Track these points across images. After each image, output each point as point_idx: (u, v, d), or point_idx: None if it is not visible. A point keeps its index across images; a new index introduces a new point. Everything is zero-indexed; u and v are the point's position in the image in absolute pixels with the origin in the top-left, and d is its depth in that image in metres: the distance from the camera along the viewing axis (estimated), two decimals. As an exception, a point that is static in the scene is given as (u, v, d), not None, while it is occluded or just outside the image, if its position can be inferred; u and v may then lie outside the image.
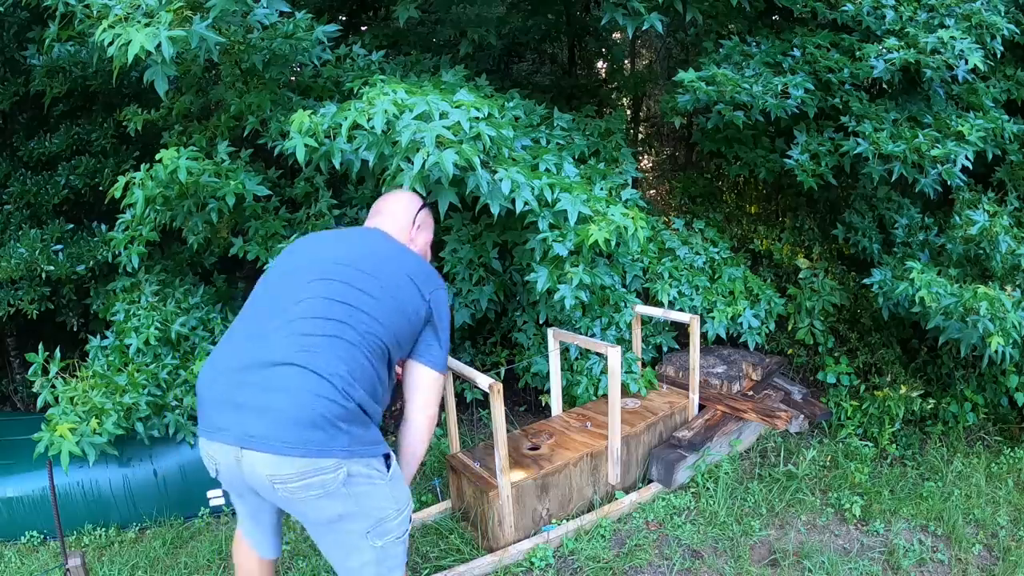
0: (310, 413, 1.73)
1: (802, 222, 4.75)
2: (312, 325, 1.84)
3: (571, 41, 5.78)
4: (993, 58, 3.86)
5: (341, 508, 1.82)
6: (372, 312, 1.91)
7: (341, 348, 1.82)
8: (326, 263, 2.00)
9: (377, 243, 2.12)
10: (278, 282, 2.01)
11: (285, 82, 3.96)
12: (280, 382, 1.75)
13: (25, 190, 4.48)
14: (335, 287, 1.92)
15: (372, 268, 1.99)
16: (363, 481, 1.83)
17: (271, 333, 1.85)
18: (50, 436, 3.07)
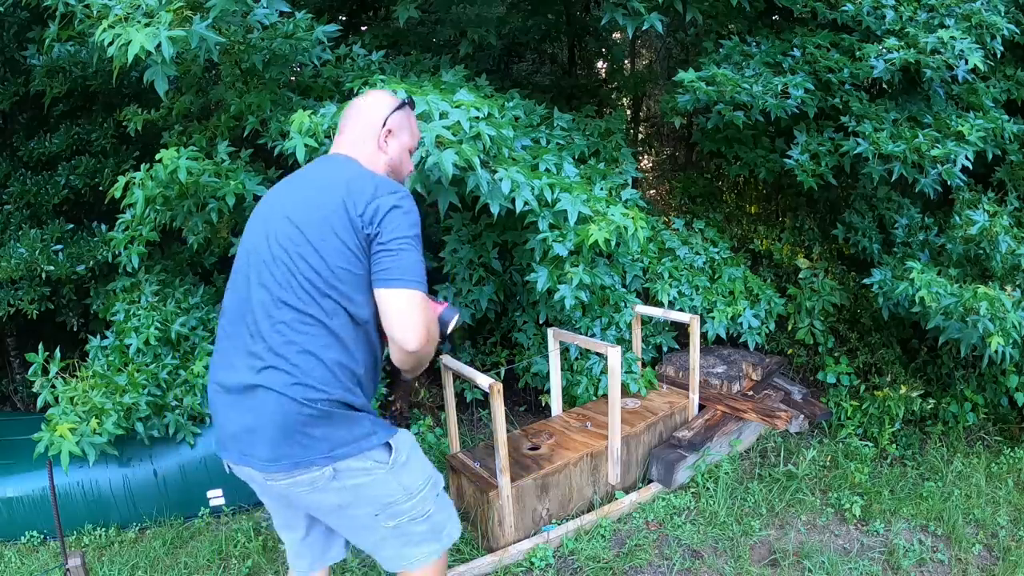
0: (280, 432, 1.69)
1: (802, 222, 4.75)
2: (265, 339, 1.73)
3: (571, 41, 5.78)
4: (993, 58, 3.86)
5: (337, 499, 1.78)
6: (320, 288, 1.72)
7: (298, 354, 1.71)
8: (266, 249, 1.80)
9: (315, 186, 1.84)
10: (235, 286, 1.87)
11: (285, 82, 3.96)
12: (249, 404, 1.73)
13: (25, 190, 4.48)
14: (277, 281, 1.75)
15: (312, 234, 1.75)
16: (358, 474, 1.76)
17: (232, 354, 1.79)
18: (50, 436, 3.07)
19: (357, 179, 1.79)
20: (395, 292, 1.71)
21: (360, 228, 1.72)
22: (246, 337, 1.77)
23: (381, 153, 1.95)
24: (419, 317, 1.70)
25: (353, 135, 1.95)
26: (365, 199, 1.74)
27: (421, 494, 1.89)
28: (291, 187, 1.89)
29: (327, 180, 1.82)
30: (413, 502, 1.87)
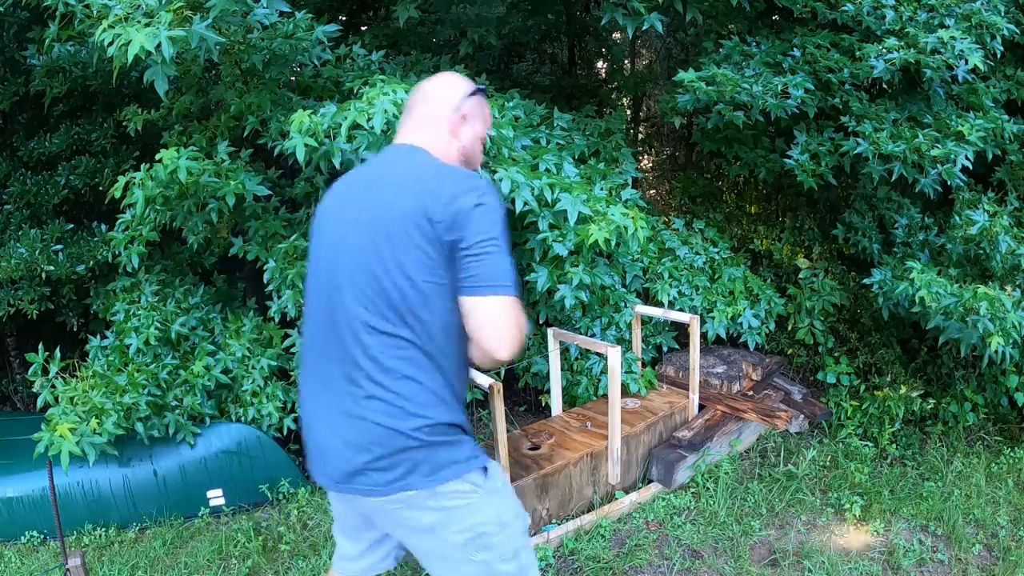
0: (383, 461, 1.62)
1: (802, 222, 4.75)
2: (361, 367, 1.63)
3: (571, 41, 5.78)
4: (993, 58, 3.86)
5: (430, 520, 1.67)
6: (408, 307, 1.60)
7: (397, 381, 1.61)
8: (344, 266, 1.67)
9: (387, 187, 1.67)
10: (316, 306, 1.75)
11: (285, 82, 3.96)
12: (350, 434, 1.64)
13: (25, 190, 4.48)
14: (362, 304, 1.62)
15: (392, 246, 1.59)
16: (456, 496, 1.66)
17: (327, 379, 1.70)
18: (50, 436, 3.07)
19: (433, 177, 1.63)
20: (484, 300, 1.58)
21: (442, 234, 1.57)
22: (339, 362, 1.66)
23: (454, 140, 1.79)
24: (511, 324, 1.59)
25: (424, 119, 1.77)
26: (443, 201, 1.57)
27: (512, 527, 1.76)
28: (360, 189, 1.72)
29: (399, 180, 1.66)
30: (505, 535, 1.73)
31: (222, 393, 3.67)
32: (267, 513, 3.53)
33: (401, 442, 1.61)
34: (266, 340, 3.80)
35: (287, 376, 3.81)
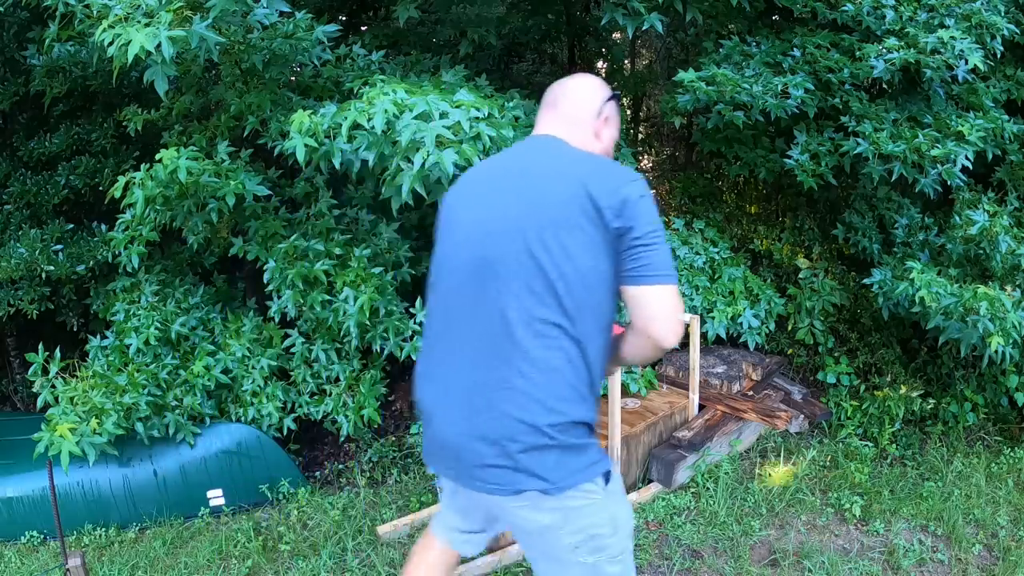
0: (512, 458, 1.56)
1: (802, 222, 4.75)
2: (502, 355, 1.57)
3: (571, 41, 5.78)
4: (993, 58, 3.85)
5: (548, 520, 1.62)
6: (567, 293, 1.55)
7: (542, 373, 1.56)
8: (495, 251, 1.60)
9: (544, 174, 1.63)
10: (452, 291, 1.68)
11: (285, 82, 3.96)
12: (481, 426, 1.59)
13: (25, 190, 4.48)
14: (513, 290, 1.57)
15: (554, 231, 1.55)
16: (578, 498, 1.61)
17: (459, 368, 1.64)
18: (50, 436, 3.07)
19: (594, 165, 1.61)
20: (657, 289, 1.56)
21: (609, 220, 1.53)
22: (480, 350, 1.60)
23: (597, 141, 1.77)
24: (678, 312, 1.58)
25: (567, 117, 1.74)
26: (610, 188, 1.55)
27: (624, 530, 1.72)
28: (508, 174, 1.67)
29: (557, 166, 1.63)
30: (617, 537, 1.70)
31: (222, 393, 3.67)
32: (267, 513, 3.53)
33: (534, 439, 1.55)
34: (266, 340, 3.80)
35: (287, 376, 3.81)
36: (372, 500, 3.55)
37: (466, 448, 1.61)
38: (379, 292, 3.50)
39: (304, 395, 3.73)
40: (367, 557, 3.06)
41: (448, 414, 1.65)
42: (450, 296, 1.67)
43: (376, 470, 3.86)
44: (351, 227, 3.96)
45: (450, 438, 1.64)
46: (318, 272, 3.52)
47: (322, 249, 3.63)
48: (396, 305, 3.63)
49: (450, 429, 1.64)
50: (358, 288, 3.49)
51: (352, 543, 3.15)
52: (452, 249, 1.68)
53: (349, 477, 3.83)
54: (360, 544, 3.16)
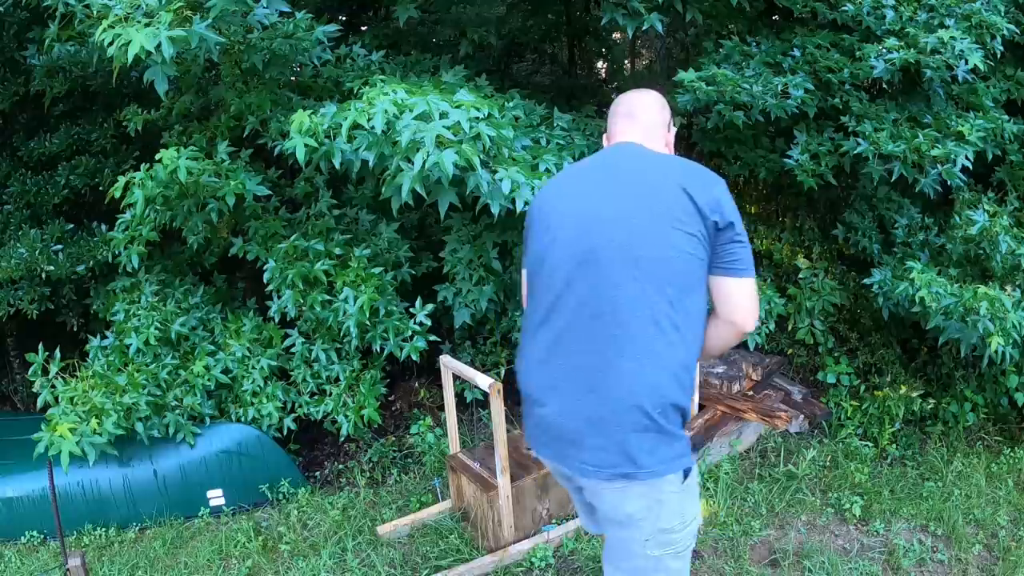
0: (615, 441, 1.64)
1: (802, 222, 4.74)
2: (609, 342, 1.65)
3: (571, 41, 5.78)
4: (993, 58, 3.85)
5: (632, 509, 1.70)
6: (670, 282, 1.64)
7: (648, 357, 1.63)
8: (601, 246, 1.68)
9: (640, 174, 1.75)
10: (553, 285, 1.74)
11: (285, 82, 3.96)
12: (587, 410, 1.67)
13: (25, 190, 4.48)
14: (615, 280, 1.64)
15: (657, 225, 1.65)
16: (662, 490, 1.69)
17: (566, 355, 1.70)
18: (50, 436, 3.08)
19: (685, 167, 1.74)
20: (744, 281, 1.72)
21: (707, 215, 1.65)
22: (589, 338, 1.66)
23: (666, 149, 1.91)
24: (757, 302, 1.78)
25: (645, 127, 1.86)
26: (705, 186, 1.68)
27: (691, 526, 1.79)
28: (605, 176, 1.78)
29: (654, 167, 1.75)
30: (684, 532, 1.77)
31: (222, 393, 3.67)
32: (267, 513, 3.53)
33: (638, 420, 1.62)
34: (266, 340, 3.80)
35: (287, 376, 3.81)
36: (372, 500, 3.55)
37: (572, 430, 1.69)
38: (379, 292, 3.50)
39: (304, 395, 3.73)
40: (367, 557, 3.06)
41: (555, 397, 1.72)
42: (554, 285, 1.73)
43: (376, 470, 3.86)
44: (351, 227, 3.96)
45: (556, 421, 1.72)
46: (318, 272, 3.52)
47: (322, 249, 3.63)
48: (396, 305, 3.63)
49: (556, 412, 1.72)
50: (358, 288, 3.49)
51: (352, 543, 3.15)
52: (555, 242, 1.75)
53: (349, 477, 3.83)
54: (360, 544, 3.16)
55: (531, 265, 1.82)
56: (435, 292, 3.87)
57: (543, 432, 1.77)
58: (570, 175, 1.87)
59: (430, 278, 4.05)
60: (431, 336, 3.67)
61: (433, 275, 4.07)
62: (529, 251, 1.84)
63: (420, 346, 3.57)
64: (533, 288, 1.81)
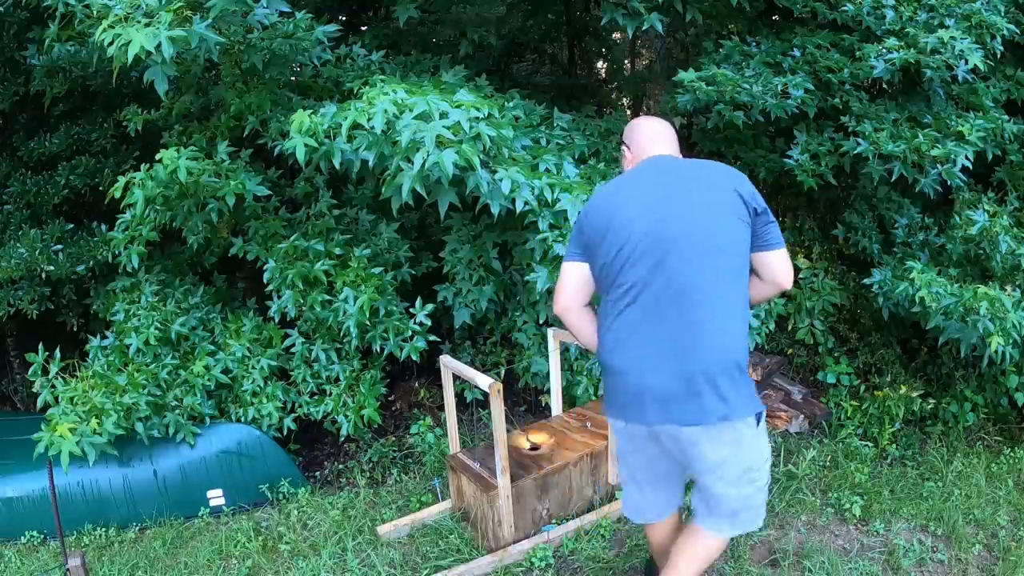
0: (713, 390, 1.96)
1: (802, 222, 4.75)
2: (700, 309, 1.97)
3: (571, 41, 5.78)
4: (993, 58, 3.85)
5: (724, 453, 2.01)
6: (733, 259, 2.03)
7: (728, 319, 1.99)
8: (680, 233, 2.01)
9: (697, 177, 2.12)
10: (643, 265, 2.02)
11: (285, 82, 3.97)
12: (686, 367, 1.97)
13: (25, 190, 4.48)
14: (700, 259, 1.99)
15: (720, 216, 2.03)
16: (742, 431, 2.02)
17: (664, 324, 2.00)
18: (50, 436, 3.08)
19: (725, 170, 2.13)
20: (781, 250, 2.12)
21: (749, 204, 2.04)
22: (679, 308, 1.98)
23: None
24: (790, 264, 2.15)
25: (674, 146, 2.27)
26: (742, 181, 2.08)
27: (768, 464, 2.15)
28: (670, 179, 2.12)
29: (706, 172, 2.13)
30: (764, 470, 2.12)
31: (222, 393, 3.67)
32: (267, 513, 3.53)
33: (728, 369, 1.97)
34: (266, 340, 3.80)
35: (287, 376, 3.81)
36: (372, 500, 3.55)
37: (676, 389, 1.98)
38: (379, 292, 3.50)
39: (304, 395, 3.73)
40: (367, 557, 3.06)
41: (654, 363, 2.00)
42: (640, 273, 2.02)
43: (376, 470, 3.86)
44: (351, 227, 3.97)
45: (659, 384, 2.00)
46: (318, 272, 3.52)
47: (322, 249, 3.63)
48: (396, 305, 3.63)
49: (656, 376, 2.00)
50: (358, 288, 3.49)
51: (352, 543, 3.15)
52: (634, 234, 2.04)
53: (349, 477, 3.83)
54: (360, 544, 3.16)
55: (607, 259, 2.07)
56: (435, 292, 3.87)
57: (642, 400, 2.02)
58: (627, 182, 2.15)
59: (430, 278, 4.05)
60: (431, 336, 3.67)
61: (433, 275, 4.07)
62: (602, 248, 2.08)
63: (420, 346, 3.58)
64: (612, 278, 2.07)
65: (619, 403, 2.10)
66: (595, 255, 2.12)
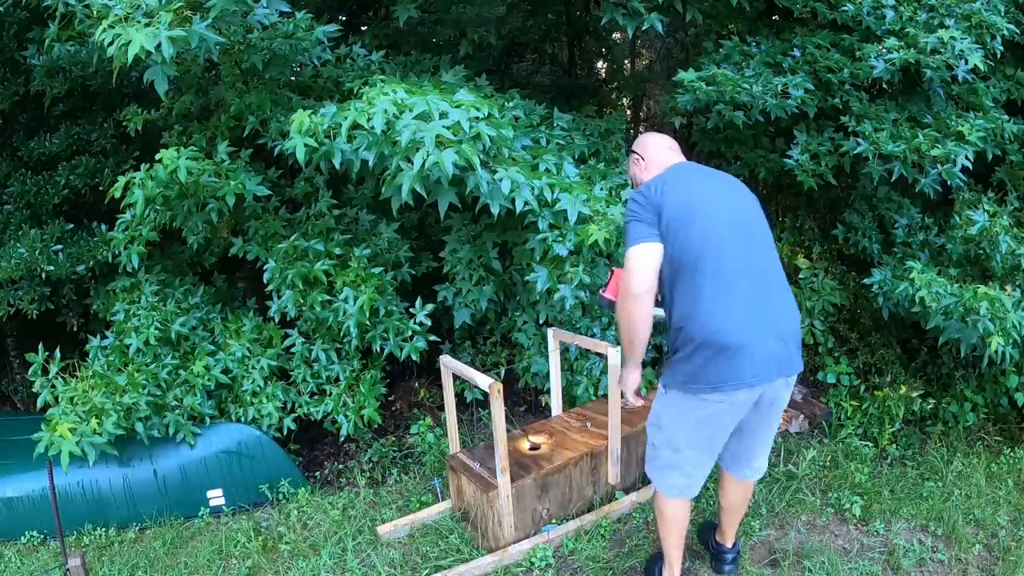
0: (797, 348, 2.38)
1: (802, 222, 4.75)
2: (775, 288, 2.35)
3: (571, 41, 5.78)
4: (993, 58, 3.85)
5: (786, 396, 2.44)
6: (774, 250, 2.43)
7: (788, 294, 2.39)
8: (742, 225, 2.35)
9: (731, 183, 2.48)
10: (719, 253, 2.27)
11: (285, 82, 3.97)
12: (783, 331, 2.32)
13: (25, 190, 4.48)
14: (761, 248, 2.36)
15: (759, 216, 2.44)
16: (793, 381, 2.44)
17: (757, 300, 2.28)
18: (50, 436, 3.08)
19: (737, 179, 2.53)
20: None
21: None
22: (756, 288, 2.28)
23: None
24: None
25: (683, 158, 2.59)
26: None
27: None
28: (716, 182, 2.45)
29: (731, 178, 2.50)
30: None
31: (222, 393, 3.67)
32: (267, 513, 3.53)
33: (798, 333, 2.40)
34: (266, 340, 3.80)
35: (287, 376, 3.81)
36: (372, 500, 3.55)
37: (780, 348, 2.29)
38: (379, 292, 3.50)
39: (304, 395, 3.73)
40: (367, 557, 3.06)
41: (754, 328, 2.25)
42: (729, 257, 2.28)
43: (376, 470, 3.86)
44: (351, 227, 3.97)
45: (770, 345, 2.27)
46: (318, 272, 3.52)
47: (322, 249, 3.63)
48: (396, 305, 3.63)
49: (759, 339, 2.25)
50: (358, 288, 3.49)
51: (352, 543, 3.15)
52: (714, 226, 2.28)
53: (349, 477, 3.84)
54: (360, 544, 3.16)
55: (694, 244, 2.28)
56: (435, 292, 3.87)
57: (747, 359, 2.23)
58: (688, 178, 2.41)
59: (430, 278, 4.05)
60: (431, 336, 3.67)
61: (433, 275, 4.07)
62: (689, 234, 2.28)
63: (420, 346, 3.58)
64: (697, 262, 2.27)
65: (725, 375, 2.25)
66: (676, 239, 2.28)
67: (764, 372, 2.27)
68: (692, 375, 2.29)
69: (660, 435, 2.47)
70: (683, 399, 2.34)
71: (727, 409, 2.32)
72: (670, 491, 2.50)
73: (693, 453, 2.43)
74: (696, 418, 2.35)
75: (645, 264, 2.26)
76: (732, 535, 2.79)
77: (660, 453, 2.48)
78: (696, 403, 2.31)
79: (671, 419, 2.41)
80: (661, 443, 2.47)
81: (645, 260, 2.26)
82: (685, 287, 2.29)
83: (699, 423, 2.36)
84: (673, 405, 2.39)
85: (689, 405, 2.33)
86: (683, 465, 2.44)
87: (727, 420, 2.37)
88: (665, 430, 2.44)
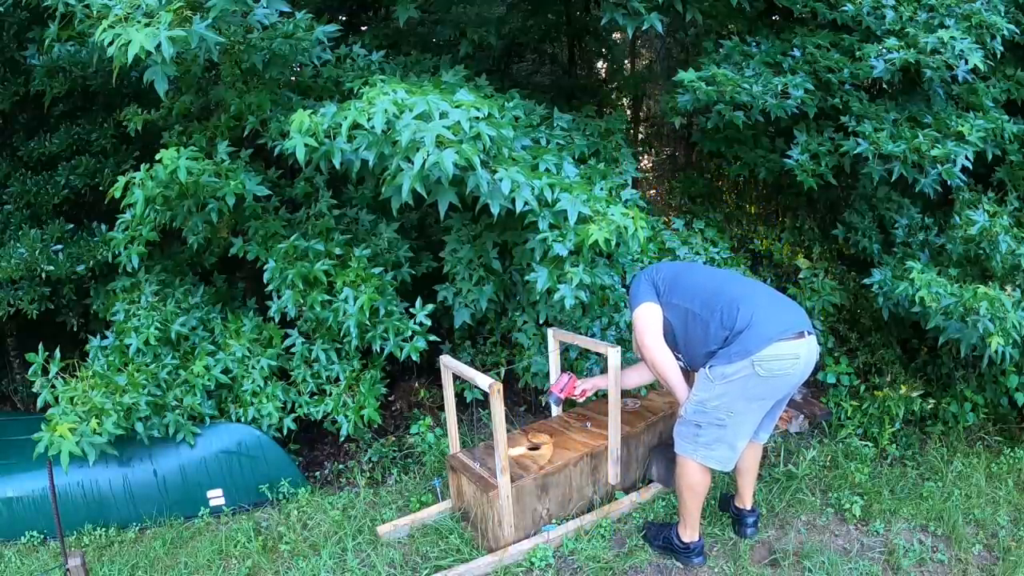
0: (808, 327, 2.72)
1: (802, 222, 4.75)
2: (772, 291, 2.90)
3: (571, 41, 5.78)
4: (993, 58, 3.85)
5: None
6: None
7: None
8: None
9: None
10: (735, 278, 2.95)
11: (285, 82, 3.97)
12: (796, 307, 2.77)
13: (25, 190, 4.48)
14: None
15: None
16: None
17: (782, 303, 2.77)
18: (50, 436, 3.07)
19: None
20: None
21: None
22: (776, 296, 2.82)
23: None
24: None
25: None
26: None
27: None
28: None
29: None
30: None
31: (222, 393, 3.67)
32: (267, 513, 3.53)
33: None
34: (266, 340, 3.80)
35: (287, 376, 3.81)
36: (372, 500, 3.55)
37: (800, 314, 2.72)
38: (379, 292, 3.50)
39: (304, 395, 3.73)
40: (367, 557, 3.06)
41: (781, 310, 2.72)
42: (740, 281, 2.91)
43: (376, 470, 3.86)
44: (351, 227, 3.96)
45: (788, 313, 2.70)
46: (318, 272, 3.52)
47: (322, 249, 3.63)
48: (396, 305, 3.63)
49: (788, 311, 2.72)
50: (358, 288, 3.49)
51: (352, 543, 3.15)
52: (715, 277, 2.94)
53: (349, 477, 3.84)
54: (360, 544, 3.16)
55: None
56: (435, 292, 3.87)
57: (787, 317, 2.65)
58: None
59: (430, 278, 4.05)
60: (431, 336, 3.67)
61: (433, 275, 4.07)
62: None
63: (420, 346, 3.58)
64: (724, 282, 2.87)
65: (768, 332, 2.59)
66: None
67: (795, 323, 2.64)
68: (740, 349, 2.61)
69: (706, 416, 2.71)
70: (745, 380, 2.62)
71: (780, 375, 2.62)
72: (715, 463, 2.75)
73: (745, 426, 2.72)
74: (745, 397, 2.65)
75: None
76: (749, 497, 3.08)
77: (705, 432, 2.73)
78: (756, 381, 2.62)
79: (730, 399, 2.66)
80: (707, 423, 2.71)
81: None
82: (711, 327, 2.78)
83: (745, 405, 2.67)
84: (737, 382, 2.64)
85: (750, 382, 2.62)
86: (730, 439, 2.71)
87: (780, 384, 2.67)
88: (714, 412, 2.69)
